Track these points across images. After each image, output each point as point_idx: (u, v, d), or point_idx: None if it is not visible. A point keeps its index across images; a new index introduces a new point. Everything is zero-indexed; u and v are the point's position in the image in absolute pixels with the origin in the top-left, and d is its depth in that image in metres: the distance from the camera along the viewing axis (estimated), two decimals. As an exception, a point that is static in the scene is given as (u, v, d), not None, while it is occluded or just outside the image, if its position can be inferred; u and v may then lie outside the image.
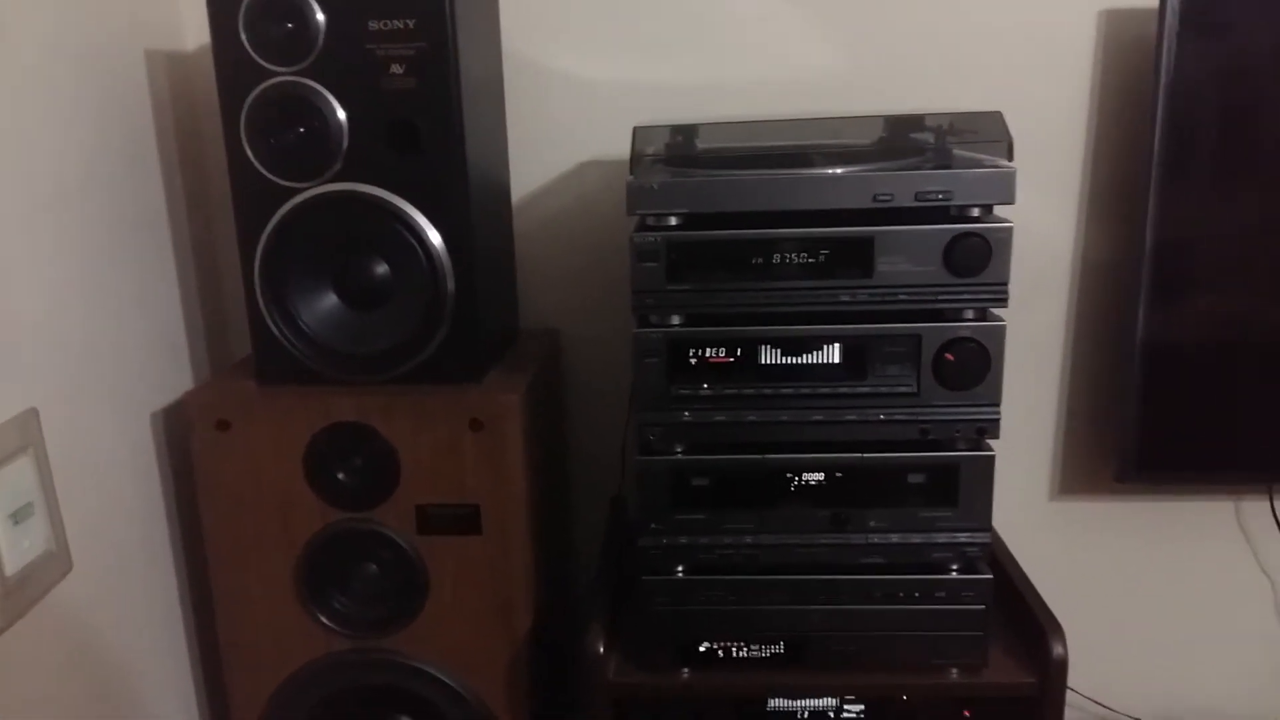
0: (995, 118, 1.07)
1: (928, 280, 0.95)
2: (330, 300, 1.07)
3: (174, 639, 1.20)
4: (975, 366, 0.96)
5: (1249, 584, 1.39)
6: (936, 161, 1.01)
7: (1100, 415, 1.33)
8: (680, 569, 1.02)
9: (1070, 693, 1.03)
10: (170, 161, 1.21)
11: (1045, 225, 1.28)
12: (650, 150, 1.08)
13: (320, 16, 0.98)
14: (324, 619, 1.10)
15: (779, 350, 0.98)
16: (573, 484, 1.40)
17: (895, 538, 1.00)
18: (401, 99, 1.00)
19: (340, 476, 1.06)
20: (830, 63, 1.25)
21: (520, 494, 1.06)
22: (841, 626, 1.01)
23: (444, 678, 1.10)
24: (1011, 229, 0.94)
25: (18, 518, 0.93)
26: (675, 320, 0.98)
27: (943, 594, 1.00)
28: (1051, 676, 0.98)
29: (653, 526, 1.01)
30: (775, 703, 1.06)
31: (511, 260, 1.30)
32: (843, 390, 0.98)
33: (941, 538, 0.99)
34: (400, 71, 1.00)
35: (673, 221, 0.96)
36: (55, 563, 0.98)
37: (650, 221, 0.97)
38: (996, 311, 0.97)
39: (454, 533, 1.07)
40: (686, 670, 1.03)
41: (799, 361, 0.98)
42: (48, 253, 0.99)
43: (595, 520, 1.36)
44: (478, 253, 1.06)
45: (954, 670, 1.02)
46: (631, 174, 1.00)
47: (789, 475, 1.00)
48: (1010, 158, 1.01)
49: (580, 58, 1.27)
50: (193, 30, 1.25)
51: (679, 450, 1.00)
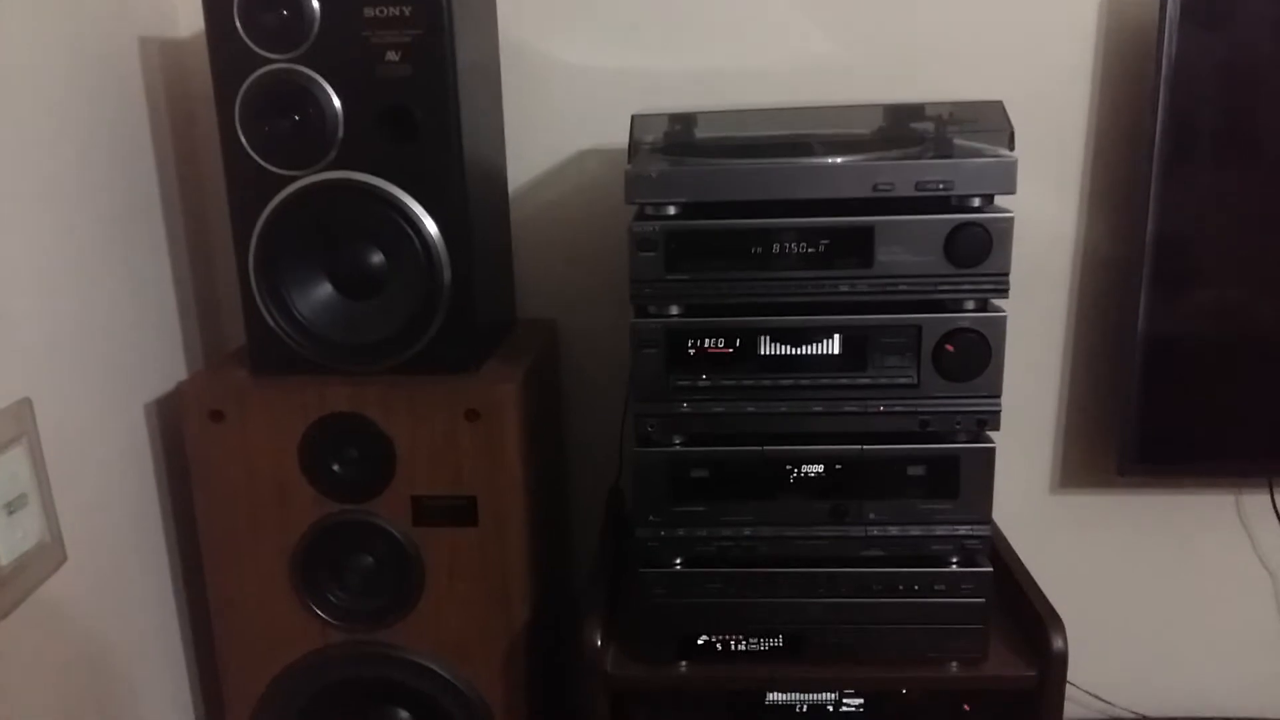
0: (996, 107, 1.06)
1: (928, 270, 0.94)
2: (325, 289, 1.06)
3: (168, 631, 1.19)
4: (976, 357, 0.95)
5: (1249, 578, 1.38)
6: (937, 151, 1.00)
7: (1101, 408, 1.33)
8: (678, 561, 1.01)
9: (1070, 687, 1.02)
10: (164, 150, 1.20)
11: (1046, 216, 1.28)
12: (649, 139, 1.07)
13: (315, 3, 0.98)
14: (319, 611, 1.09)
15: (778, 341, 0.97)
16: (570, 475, 1.40)
17: (895, 530, 0.99)
18: (397, 86, 0.99)
19: (335, 467, 1.06)
20: (830, 51, 1.24)
21: (517, 485, 1.06)
22: (841, 619, 1.01)
23: (440, 670, 1.09)
24: (1012, 219, 0.93)
25: (12, 508, 0.92)
26: (674, 310, 0.97)
27: (942, 587, 0.99)
28: (1051, 670, 0.98)
29: (651, 518, 1.00)
30: (774, 696, 1.06)
31: (508, 250, 1.29)
32: (842, 381, 0.98)
33: (941, 530, 0.99)
34: (396, 59, 0.99)
35: (671, 211, 0.96)
36: (49, 554, 0.97)
37: (649, 211, 0.96)
38: (997, 302, 0.97)
39: (450, 524, 1.06)
40: (684, 663, 1.03)
41: (798, 352, 0.97)
42: (40, 242, 0.98)
43: (593, 512, 1.35)
44: (474, 242, 1.05)
45: (953, 664, 1.01)
46: (630, 163, 1.00)
47: (788, 467, 0.99)
48: (1011, 147, 1.00)
49: (578, 45, 1.26)
50: (186, 17, 1.24)
51: (677, 442, 1.00)
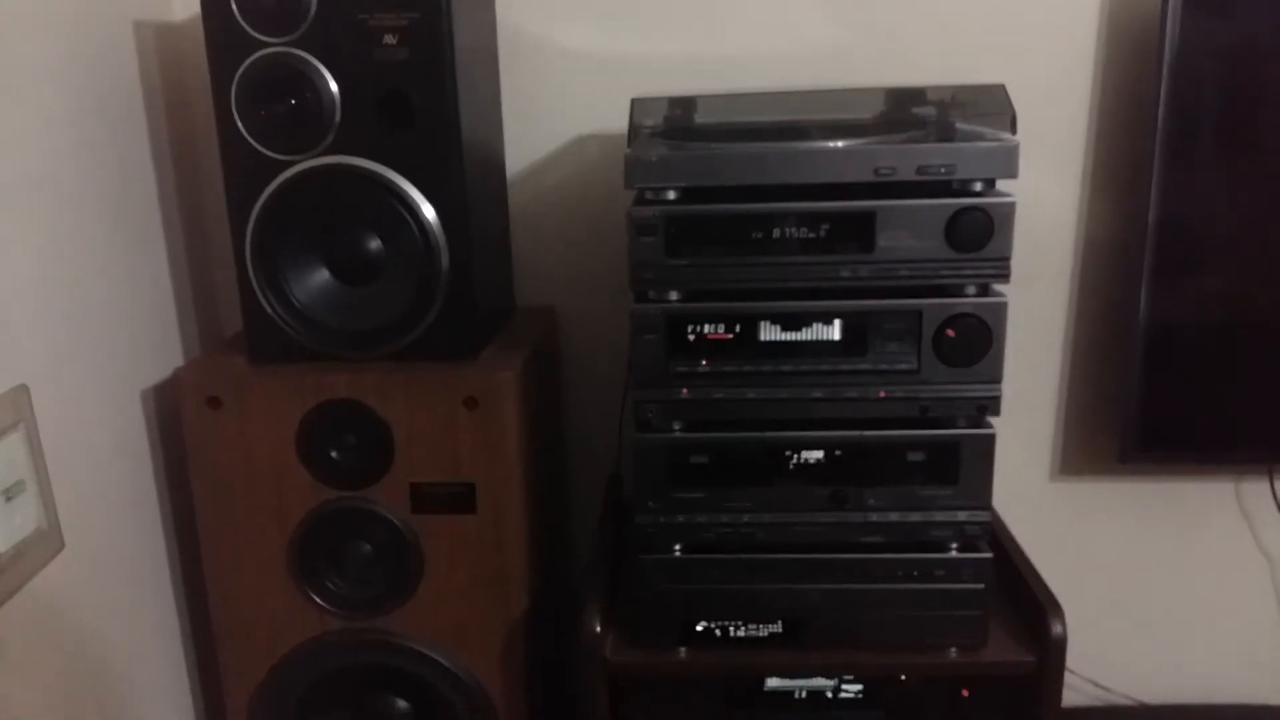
0: (998, 91, 1.05)
1: (929, 255, 0.94)
2: (322, 276, 1.06)
3: (166, 619, 1.19)
4: (976, 343, 0.95)
5: (1249, 565, 1.38)
6: (938, 135, 0.99)
7: (1102, 395, 1.32)
8: (678, 547, 1.01)
9: (1069, 674, 1.02)
10: (159, 135, 1.19)
11: (1048, 202, 1.27)
12: (648, 123, 1.07)
13: (312, -14, 0.97)
14: (317, 598, 1.09)
15: (778, 326, 0.97)
16: (569, 462, 1.39)
17: (895, 516, 0.99)
18: (395, 70, 0.98)
19: (333, 454, 1.05)
20: (831, 35, 1.23)
21: (515, 472, 1.05)
22: (840, 605, 1.00)
23: (439, 657, 1.09)
24: (1014, 203, 0.93)
25: (9, 495, 0.92)
26: (674, 296, 0.97)
27: (942, 573, 0.99)
28: (1050, 656, 0.98)
29: (650, 505, 1.00)
30: (773, 682, 1.06)
31: (507, 236, 1.28)
32: (843, 367, 0.97)
33: (941, 516, 0.98)
34: (393, 42, 0.98)
35: (671, 195, 0.95)
36: (47, 541, 0.97)
37: (648, 195, 0.95)
38: (998, 287, 0.96)
39: (448, 511, 1.06)
40: (684, 649, 1.03)
41: (798, 338, 0.97)
42: (36, 228, 0.97)
43: (592, 499, 1.35)
44: (473, 227, 1.05)
45: (953, 649, 1.01)
46: (629, 147, 0.99)
47: (788, 453, 0.99)
48: (1013, 131, 0.99)
49: (577, 30, 1.25)
50: (181, 0, 1.23)
51: (677, 427, 0.99)
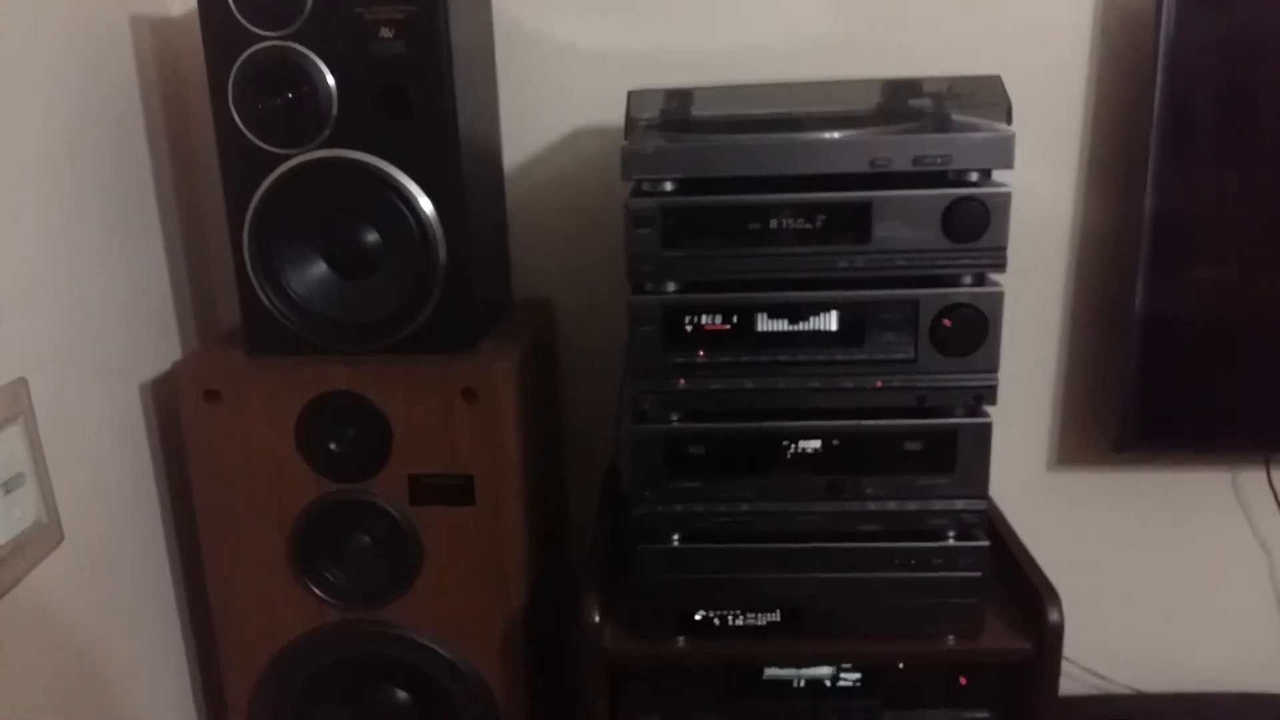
0: (994, 82, 1.05)
1: (925, 245, 0.94)
2: (320, 269, 1.06)
3: (166, 611, 1.19)
4: (973, 332, 0.95)
5: (1245, 555, 1.39)
6: (935, 126, 0.99)
7: (1098, 385, 1.33)
8: (676, 537, 1.01)
9: (1067, 663, 1.03)
10: (156, 129, 1.20)
11: (1044, 194, 1.27)
12: (645, 115, 1.07)
13: (308, -21, 0.97)
14: (317, 590, 1.09)
15: (775, 317, 0.97)
16: (568, 456, 1.40)
17: (892, 505, 0.99)
18: (391, 64, 0.99)
19: (332, 447, 1.06)
20: (827, 27, 1.24)
21: (514, 464, 1.06)
22: (838, 594, 1.01)
23: (438, 648, 1.10)
24: (1010, 194, 0.93)
25: (9, 488, 0.92)
26: (671, 287, 0.97)
27: (939, 561, 0.99)
28: (1047, 642, 0.98)
29: (648, 495, 1.00)
30: (771, 671, 1.06)
31: (504, 229, 1.29)
32: (840, 357, 0.97)
33: (938, 505, 0.99)
34: (390, 35, 0.98)
35: (668, 187, 0.95)
36: (46, 534, 0.97)
37: (645, 187, 0.95)
38: (994, 277, 0.96)
39: (447, 503, 1.06)
40: (682, 639, 1.03)
41: (796, 328, 0.97)
42: (33, 222, 0.97)
43: (590, 492, 1.35)
44: (470, 220, 1.05)
45: (950, 637, 1.01)
46: (626, 139, 0.99)
47: (785, 443, 0.99)
48: (1009, 121, 1.00)
49: (573, 23, 1.24)
50: (179, -5, 1.23)
51: (675, 418, 0.99)
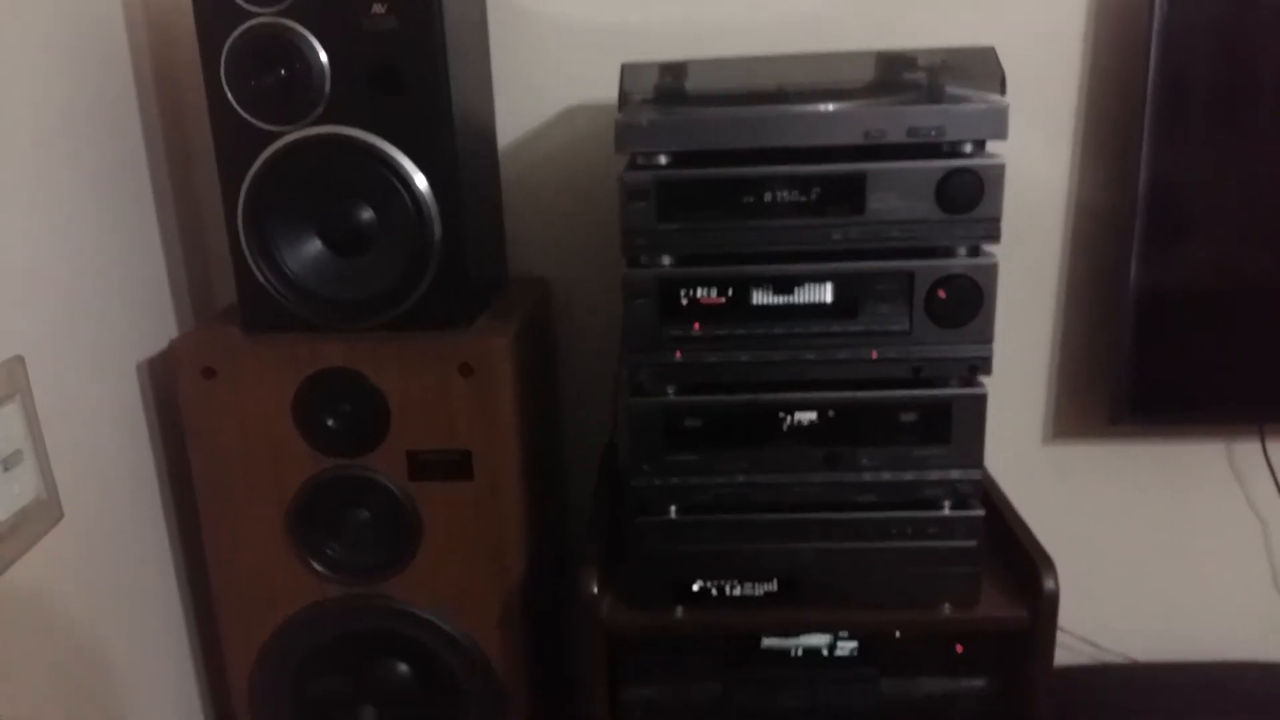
0: (988, 54, 1.05)
1: (920, 217, 0.94)
2: (315, 246, 1.06)
3: (166, 587, 1.19)
4: (968, 303, 0.96)
5: (1240, 526, 1.39)
6: (929, 97, 0.99)
7: (1094, 358, 1.33)
8: (673, 509, 1.02)
9: (1062, 633, 1.04)
10: (149, 107, 1.19)
11: (1039, 167, 1.27)
12: (639, 89, 1.06)
13: (299, -46, 0.96)
14: (316, 565, 1.10)
15: (771, 290, 0.97)
16: (565, 434, 1.40)
17: (888, 475, 1.00)
18: (384, 39, 0.98)
19: (330, 423, 1.06)
20: (822, 1, 1.23)
21: (511, 439, 1.06)
22: (834, 564, 1.01)
23: (438, 622, 1.10)
24: (1004, 165, 0.93)
25: (7, 465, 0.92)
26: (665, 260, 0.97)
27: (935, 530, 1.00)
28: (1043, 610, 0.99)
29: (645, 468, 1.00)
30: (769, 641, 1.07)
31: (499, 207, 1.28)
32: (835, 329, 0.98)
33: (934, 475, 0.99)
34: (382, 11, 0.98)
35: (662, 160, 0.95)
36: (46, 510, 0.97)
37: (640, 160, 0.96)
38: (989, 248, 0.97)
39: (445, 478, 1.06)
40: (680, 609, 1.04)
41: (791, 301, 0.97)
42: (27, 200, 0.97)
43: (588, 469, 1.36)
44: (464, 196, 1.05)
45: (946, 606, 1.02)
46: (620, 112, 0.99)
47: (781, 415, 0.99)
48: (1003, 92, 1.00)
49: (566, -1, 1.24)
50: (170, -27, 1.23)
51: (671, 391, 1.00)
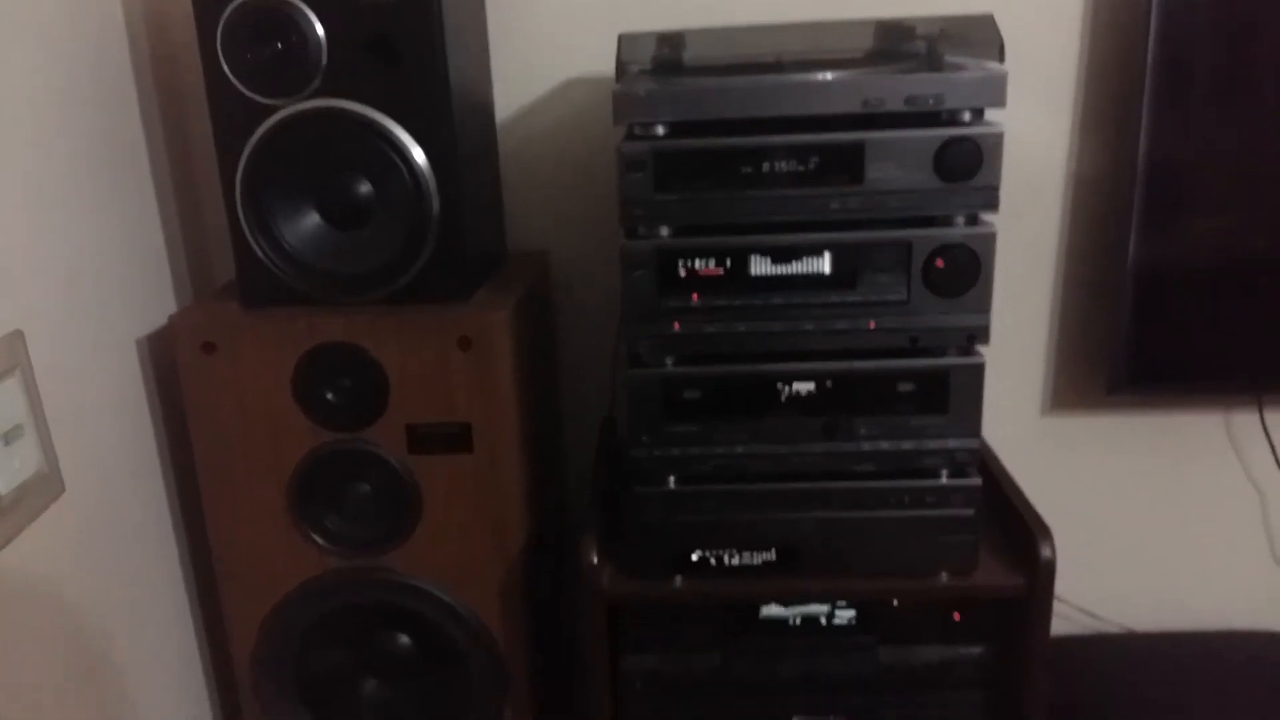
0: (987, 21, 1.05)
1: (918, 186, 0.94)
2: (313, 220, 1.06)
3: (168, 561, 1.20)
4: (966, 272, 0.96)
5: (1237, 496, 1.40)
6: (927, 66, 0.99)
7: (1092, 330, 1.33)
8: (672, 480, 1.02)
9: (1060, 603, 1.04)
10: (145, 82, 1.19)
11: (1038, 139, 1.27)
12: (636, 59, 1.06)
13: (294, -75, 0.96)
14: (317, 539, 1.10)
15: (769, 260, 0.97)
16: (564, 409, 1.41)
17: (885, 445, 1.00)
18: (380, 12, 0.98)
19: (329, 397, 1.06)
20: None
21: (511, 412, 1.06)
22: (833, 533, 1.02)
23: (439, 594, 1.11)
24: (1002, 133, 0.93)
25: (8, 439, 0.92)
26: (664, 231, 0.97)
27: (932, 499, 1.00)
28: (1039, 578, 0.99)
29: (644, 439, 1.01)
30: (768, 610, 1.08)
31: (497, 181, 1.28)
32: (833, 299, 0.98)
33: (931, 444, 1.00)
34: (378, -17, 0.98)
35: (660, 130, 0.95)
36: (47, 484, 0.98)
37: (637, 131, 0.95)
38: (987, 217, 0.97)
39: (445, 451, 1.07)
40: (679, 579, 1.04)
41: (789, 271, 0.97)
42: (26, 176, 0.97)
43: (587, 443, 1.36)
44: (462, 169, 1.05)
45: (944, 574, 1.03)
46: (617, 83, 0.99)
47: (780, 385, 1.00)
48: (1002, 60, 0.99)
49: (564, -29, 1.24)
50: (164, -53, 1.22)
51: (669, 362, 1.00)
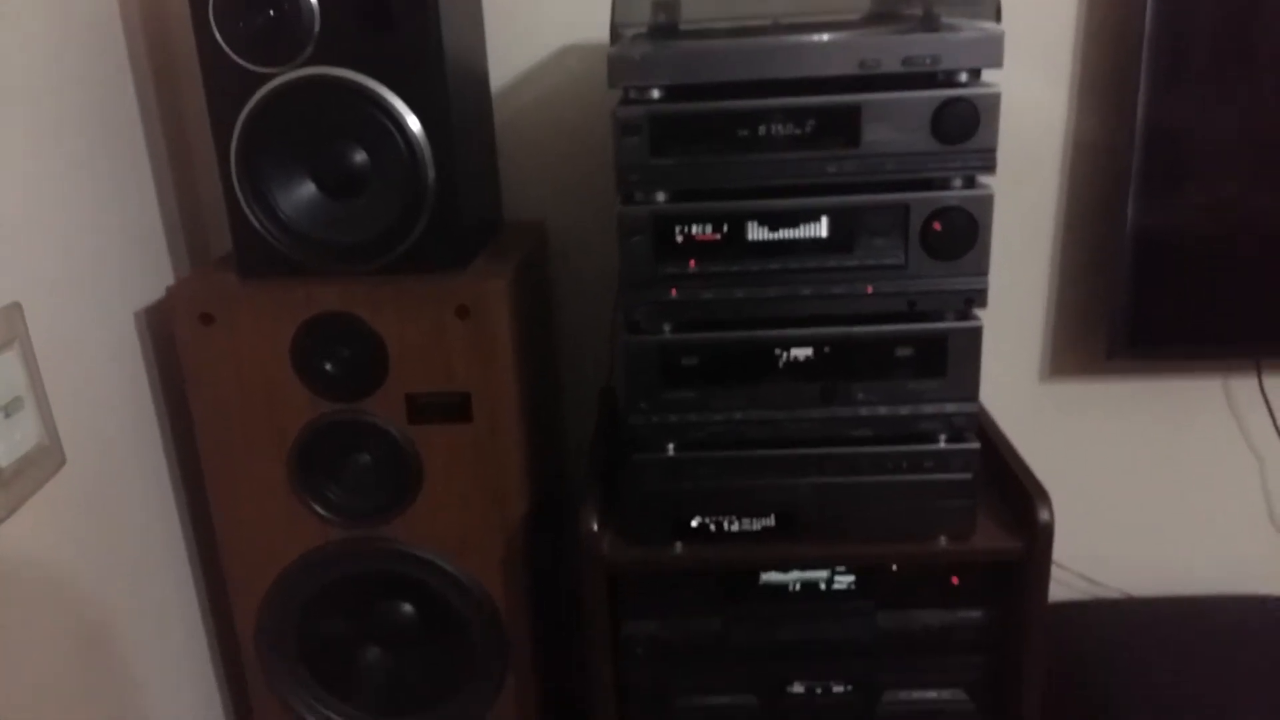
0: (984, -19, 1.04)
1: (915, 148, 0.93)
2: (309, 189, 1.05)
3: (170, 532, 1.21)
4: (963, 235, 0.95)
5: (1236, 461, 1.40)
6: (924, 26, 0.98)
7: (1091, 295, 1.33)
8: (671, 446, 1.02)
9: (1058, 568, 1.04)
10: (138, 52, 1.18)
11: (1037, 104, 1.26)
12: (631, 23, 1.05)
13: (285, -110, 0.95)
14: (319, 509, 1.11)
15: (766, 225, 0.97)
16: (563, 378, 1.41)
17: (883, 410, 1.00)
18: (373, -23, 0.97)
19: (328, 368, 1.06)
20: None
21: (510, 380, 1.06)
22: (831, 499, 1.02)
23: (440, 563, 1.11)
24: (999, 94, 0.92)
25: (8, 411, 0.93)
26: (660, 197, 0.96)
27: (931, 464, 1.00)
28: (1037, 541, 0.99)
29: (642, 406, 1.01)
30: (767, 576, 1.08)
31: (493, 150, 1.28)
32: (830, 264, 0.97)
33: (929, 409, 1.00)
34: (370, -52, 0.97)
35: (655, 94, 0.94)
36: (48, 456, 0.98)
37: (632, 95, 0.95)
38: (984, 180, 0.96)
39: (445, 420, 1.07)
40: (679, 545, 1.04)
41: (786, 236, 0.97)
42: (20, 149, 0.97)
43: (586, 412, 1.37)
44: (457, 138, 1.04)
45: (942, 538, 1.03)
46: (612, 46, 0.98)
47: (777, 351, 1.00)
48: (998, 20, 0.98)
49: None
50: (155, -84, 1.21)
51: (667, 329, 1.00)
